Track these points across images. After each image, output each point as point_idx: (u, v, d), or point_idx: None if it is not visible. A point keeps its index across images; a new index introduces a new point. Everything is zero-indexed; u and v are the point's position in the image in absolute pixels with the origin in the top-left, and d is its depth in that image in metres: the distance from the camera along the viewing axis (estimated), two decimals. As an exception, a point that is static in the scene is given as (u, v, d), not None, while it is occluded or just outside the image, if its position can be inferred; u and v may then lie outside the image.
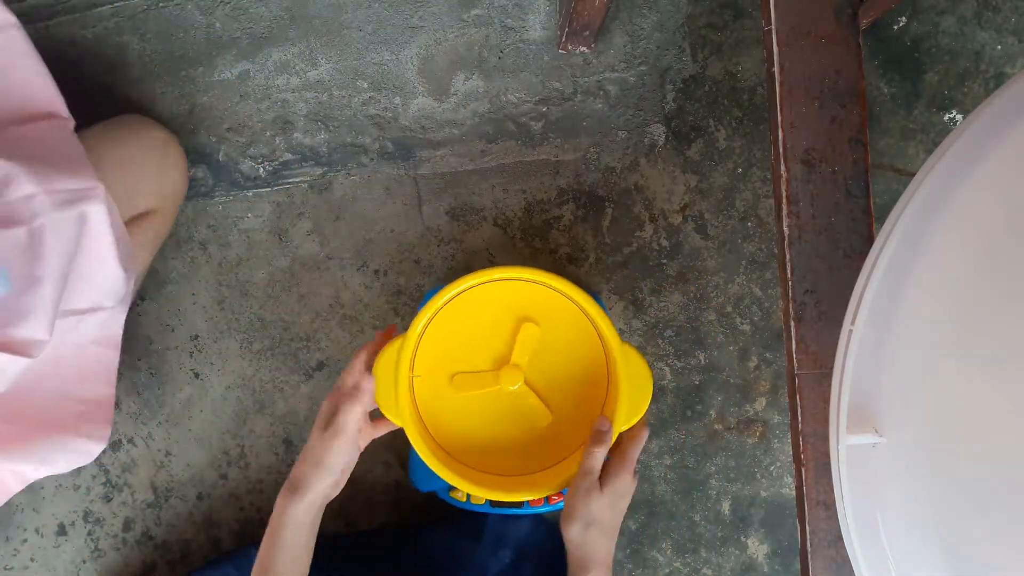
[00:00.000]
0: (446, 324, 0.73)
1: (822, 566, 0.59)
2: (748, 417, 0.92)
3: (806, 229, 0.59)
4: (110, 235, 0.67)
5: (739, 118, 0.91)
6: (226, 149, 0.90)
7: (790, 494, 0.92)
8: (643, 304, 0.91)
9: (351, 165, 0.91)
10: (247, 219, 0.91)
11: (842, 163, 0.59)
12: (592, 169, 0.91)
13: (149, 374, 0.90)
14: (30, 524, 0.90)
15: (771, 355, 0.92)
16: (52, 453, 0.73)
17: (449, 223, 0.91)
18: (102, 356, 0.76)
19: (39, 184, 0.60)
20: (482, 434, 0.73)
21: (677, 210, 0.92)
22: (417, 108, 0.90)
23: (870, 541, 0.51)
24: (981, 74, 0.91)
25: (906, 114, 0.92)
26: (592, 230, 0.91)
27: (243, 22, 0.90)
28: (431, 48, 0.90)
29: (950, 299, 0.47)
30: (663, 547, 0.92)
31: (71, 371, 0.74)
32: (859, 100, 0.60)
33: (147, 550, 0.91)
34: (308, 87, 0.90)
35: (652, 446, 0.92)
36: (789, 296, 0.59)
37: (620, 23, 0.91)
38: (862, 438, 0.50)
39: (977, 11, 0.91)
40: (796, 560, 0.92)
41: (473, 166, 0.91)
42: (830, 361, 0.54)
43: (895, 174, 0.91)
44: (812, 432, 0.59)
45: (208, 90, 0.90)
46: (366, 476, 0.91)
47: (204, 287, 0.91)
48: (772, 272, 0.92)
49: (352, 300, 0.91)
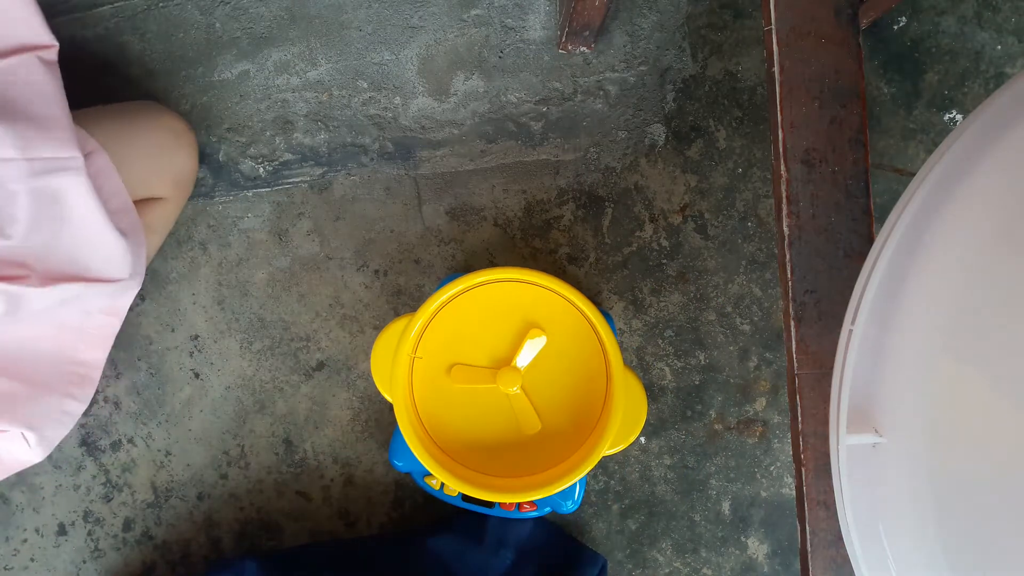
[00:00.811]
0: (455, 314, 0.73)
1: (822, 566, 0.59)
2: (748, 417, 0.92)
3: (806, 229, 0.59)
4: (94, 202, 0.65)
5: (739, 118, 0.91)
6: (226, 149, 0.90)
7: (790, 494, 0.92)
8: (643, 304, 0.91)
9: (351, 165, 0.91)
10: (247, 219, 0.91)
11: (842, 163, 0.59)
12: (592, 169, 0.91)
13: (149, 374, 0.90)
14: (30, 524, 0.90)
15: (771, 355, 0.92)
16: (39, 418, 0.73)
17: (449, 223, 0.91)
18: (106, 325, 0.76)
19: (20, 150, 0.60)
20: (469, 429, 0.73)
21: (677, 210, 0.92)
22: (417, 108, 0.90)
23: (870, 541, 0.51)
24: (981, 74, 0.91)
25: (906, 114, 0.92)
26: (592, 230, 0.91)
27: (243, 22, 0.90)
28: (431, 48, 0.90)
29: (950, 299, 0.47)
30: (663, 547, 0.92)
31: (73, 336, 0.75)
32: (859, 100, 0.60)
33: (147, 550, 0.91)
34: (308, 87, 0.90)
35: (652, 446, 0.92)
36: (789, 296, 0.59)
37: (620, 23, 0.91)
38: (862, 438, 0.50)
39: (977, 11, 0.91)
40: (796, 560, 0.92)
41: (473, 166, 0.91)
42: (830, 361, 0.54)
43: (895, 174, 0.91)
44: (812, 432, 0.59)
45: (208, 90, 0.90)
46: (366, 476, 0.91)
47: (204, 287, 0.91)
48: (772, 272, 0.92)
49: (352, 300, 0.91)
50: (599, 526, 0.91)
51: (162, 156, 0.79)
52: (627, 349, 0.91)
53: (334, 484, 0.91)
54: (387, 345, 0.72)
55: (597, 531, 0.91)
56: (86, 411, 0.89)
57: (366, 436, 0.91)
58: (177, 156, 0.81)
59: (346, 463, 0.91)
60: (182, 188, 0.83)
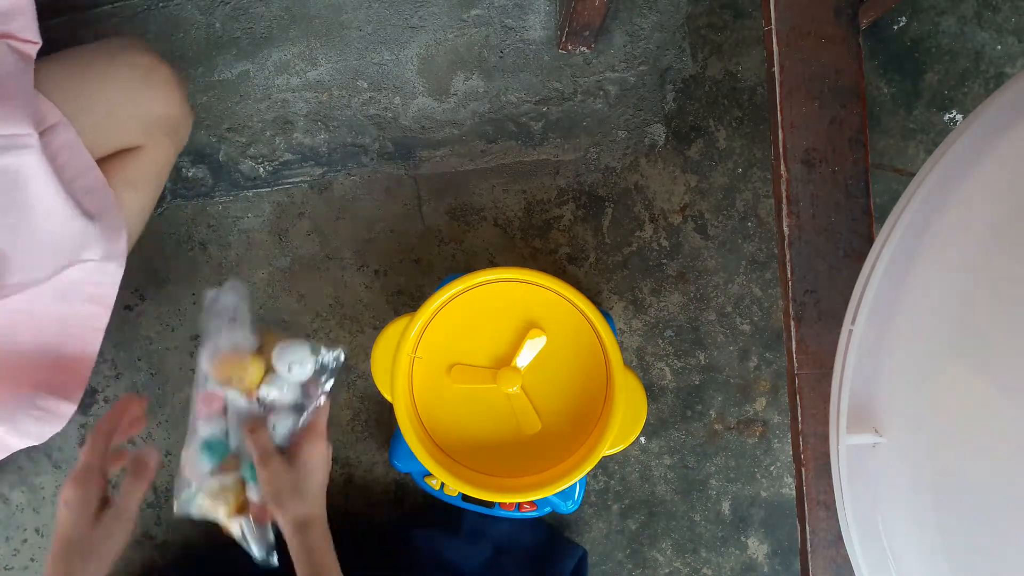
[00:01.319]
0: (455, 314, 0.73)
1: (822, 566, 0.59)
2: (748, 417, 0.92)
3: (806, 229, 0.59)
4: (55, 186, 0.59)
5: (739, 118, 0.91)
6: (226, 149, 0.90)
7: (790, 494, 0.92)
8: (643, 304, 0.91)
9: (351, 165, 0.91)
10: (247, 219, 0.91)
11: (842, 163, 0.59)
12: (592, 169, 0.91)
13: (149, 374, 0.90)
14: (30, 524, 0.90)
15: (771, 355, 0.92)
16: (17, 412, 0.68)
17: (449, 223, 0.91)
18: (91, 316, 0.70)
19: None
20: (469, 429, 0.73)
21: (677, 210, 0.92)
22: (417, 108, 0.90)
23: (870, 541, 0.51)
24: (981, 74, 0.91)
25: (906, 114, 0.92)
26: (592, 230, 0.91)
27: (243, 22, 0.90)
28: (431, 48, 0.90)
29: (950, 299, 0.47)
30: (663, 547, 0.92)
31: (54, 327, 0.69)
32: (859, 100, 0.60)
33: (147, 550, 0.91)
34: (308, 87, 0.90)
35: (652, 446, 0.92)
36: (789, 296, 0.59)
37: (620, 23, 0.91)
38: (862, 438, 0.50)
39: (977, 11, 0.91)
40: (796, 560, 0.92)
41: (473, 166, 0.91)
42: (830, 361, 0.54)
43: (895, 174, 0.91)
44: (812, 432, 0.59)
45: (208, 90, 0.90)
46: (366, 476, 0.91)
47: (204, 287, 0.91)
48: (772, 272, 0.92)
49: (352, 300, 0.91)
50: (599, 526, 0.91)
51: (125, 99, 0.68)
52: (627, 349, 0.91)
53: (334, 484, 0.91)
54: (387, 345, 0.72)
55: (597, 531, 0.91)
56: (86, 411, 0.90)
57: (366, 436, 0.91)
58: (147, 96, 0.69)
59: (346, 463, 0.90)
60: (160, 133, 0.71)
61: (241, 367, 0.76)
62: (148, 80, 0.69)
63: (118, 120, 0.68)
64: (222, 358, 0.77)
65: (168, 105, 0.71)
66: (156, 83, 0.69)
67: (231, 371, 0.79)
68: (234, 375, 0.78)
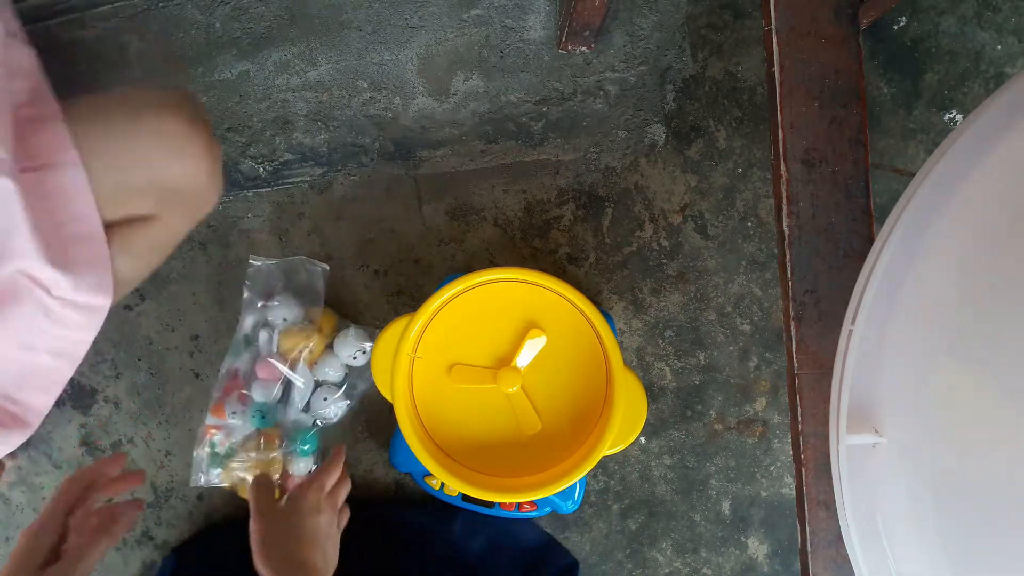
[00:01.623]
0: (455, 314, 0.73)
1: (822, 566, 0.59)
2: (748, 417, 0.92)
3: (806, 229, 0.59)
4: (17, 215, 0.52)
5: (739, 118, 0.91)
6: (226, 149, 0.90)
7: (790, 494, 0.92)
8: (643, 304, 0.91)
9: (351, 165, 0.91)
10: (247, 219, 0.91)
11: (842, 163, 0.59)
12: (592, 169, 0.91)
13: (149, 374, 0.90)
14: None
15: (771, 355, 0.92)
16: None
17: (449, 223, 0.91)
18: (53, 369, 0.62)
19: None
20: (469, 429, 0.73)
21: (677, 210, 0.92)
22: (417, 108, 0.90)
23: (870, 541, 0.51)
24: (981, 74, 0.91)
25: (906, 114, 0.92)
26: (592, 230, 0.91)
27: (243, 22, 0.90)
28: (431, 48, 0.90)
29: (950, 299, 0.47)
30: (663, 547, 0.92)
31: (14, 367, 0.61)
32: (859, 100, 0.60)
33: (147, 550, 0.91)
34: (308, 87, 0.90)
35: (652, 446, 0.92)
36: (789, 296, 0.59)
37: (620, 23, 0.91)
38: (862, 438, 0.50)
39: (977, 11, 0.91)
40: (796, 560, 0.92)
41: (473, 166, 0.91)
42: (830, 361, 0.54)
43: (895, 174, 0.91)
44: (812, 432, 0.59)
45: (208, 90, 0.90)
46: (366, 476, 0.91)
47: (204, 287, 0.91)
48: (772, 272, 0.92)
49: (352, 300, 0.91)
50: (599, 526, 0.91)
51: (146, 167, 0.60)
52: (627, 349, 0.91)
53: (334, 484, 0.91)
54: (387, 345, 0.72)
55: (597, 531, 0.91)
56: (86, 411, 0.90)
57: (366, 436, 0.91)
58: (173, 170, 0.61)
59: (346, 463, 0.90)
60: (179, 205, 0.63)
61: (308, 341, 0.81)
62: (179, 152, 0.60)
63: (133, 189, 0.60)
64: (291, 330, 0.82)
65: (195, 177, 0.62)
66: (186, 155, 0.61)
67: (297, 343, 0.84)
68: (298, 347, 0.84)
